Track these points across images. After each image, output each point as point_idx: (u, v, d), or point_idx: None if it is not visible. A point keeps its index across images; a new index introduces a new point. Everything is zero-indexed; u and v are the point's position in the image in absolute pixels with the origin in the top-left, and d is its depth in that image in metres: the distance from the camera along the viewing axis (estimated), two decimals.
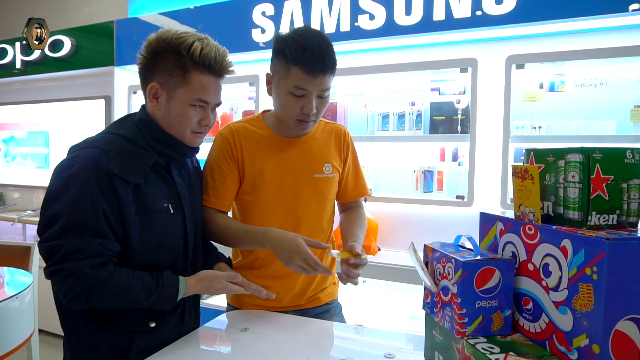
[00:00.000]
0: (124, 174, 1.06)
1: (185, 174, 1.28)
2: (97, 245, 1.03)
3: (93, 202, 1.03)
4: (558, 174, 0.91)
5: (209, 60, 1.12)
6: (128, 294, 1.07)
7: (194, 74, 1.12)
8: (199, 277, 1.20)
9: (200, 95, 1.14)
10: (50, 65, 3.64)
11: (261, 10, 2.74)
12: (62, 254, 1.01)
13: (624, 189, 0.86)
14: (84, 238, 1.02)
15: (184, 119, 1.15)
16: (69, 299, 1.04)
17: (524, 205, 0.96)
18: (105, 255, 1.05)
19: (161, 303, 1.11)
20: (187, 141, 1.19)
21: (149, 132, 1.16)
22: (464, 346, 0.94)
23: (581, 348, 0.81)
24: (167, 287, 1.12)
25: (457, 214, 2.33)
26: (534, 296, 0.93)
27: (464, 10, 2.23)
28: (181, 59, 1.10)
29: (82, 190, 1.03)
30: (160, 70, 1.12)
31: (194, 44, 1.10)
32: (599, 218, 0.85)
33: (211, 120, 1.20)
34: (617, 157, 0.85)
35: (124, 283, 1.06)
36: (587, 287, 0.80)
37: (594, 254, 0.78)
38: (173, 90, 1.13)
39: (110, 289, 1.04)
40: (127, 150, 1.11)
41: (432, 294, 1.07)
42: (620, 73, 2.16)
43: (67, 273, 1.01)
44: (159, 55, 1.12)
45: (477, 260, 0.96)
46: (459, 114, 2.35)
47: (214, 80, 1.16)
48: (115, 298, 1.06)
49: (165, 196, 1.17)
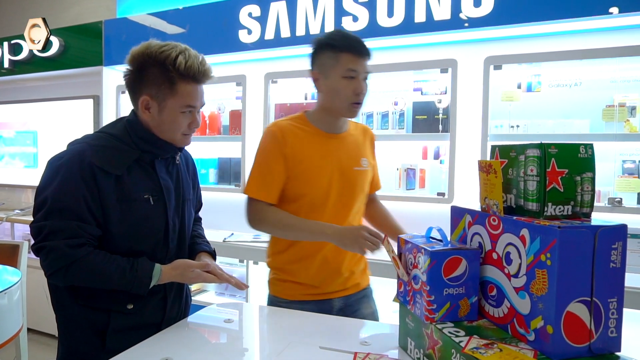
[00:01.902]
0: (104, 166, 1.18)
1: (174, 171, 1.36)
2: (76, 228, 1.15)
3: (75, 189, 1.15)
4: (519, 168, 0.98)
5: (194, 72, 1.22)
6: (103, 274, 1.17)
7: (180, 84, 1.22)
8: (173, 265, 1.27)
9: (188, 102, 1.24)
10: (38, 65, 3.65)
11: (248, 12, 2.78)
12: (45, 233, 1.14)
13: (577, 182, 0.92)
14: (65, 220, 1.14)
15: (175, 125, 1.26)
16: (49, 274, 1.16)
17: (488, 198, 1.02)
18: (83, 237, 1.16)
19: (134, 286, 1.19)
20: (177, 143, 1.30)
21: (135, 131, 1.26)
22: (433, 331, 1.00)
23: (537, 329, 0.87)
24: (140, 271, 1.20)
25: (438, 211, 2.39)
26: (498, 283, 1.00)
27: (444, 13, 2.30)
28: (168, 73, 1.20)
29: (67, 178, 1.16)
30: (149, 83, 1.22)
31: (178, 58, 1.20)
32: (554, 209, 0.91)
33: (199, 121, 1.31)
34: (571, 152, 0.92)
35: (100, 264, 1.17)
36: (542, 273, 0.86)
37: (548, 241, 0.84)
38: (163, 102, 1.23)
39: (87, 267, 1.15)
40: (112, 145, 1.23)
41: (405, 284, 1.13)
42: (593, 74, 2.24)
43: (48, 250, 1.14)
44: (146, 69, 1.22)
45: (445, 250, 1.02)
46: (440, 114, 2.41)
47: (198, 87, 1.26)
48: (92, 277, 1.17)
49: (147, 189, 1.26)
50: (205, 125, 3.04)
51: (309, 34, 2.62)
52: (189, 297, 1.48)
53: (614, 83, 2.20)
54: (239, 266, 2.80)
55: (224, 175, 3.05)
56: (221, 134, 3.02)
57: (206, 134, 3.02)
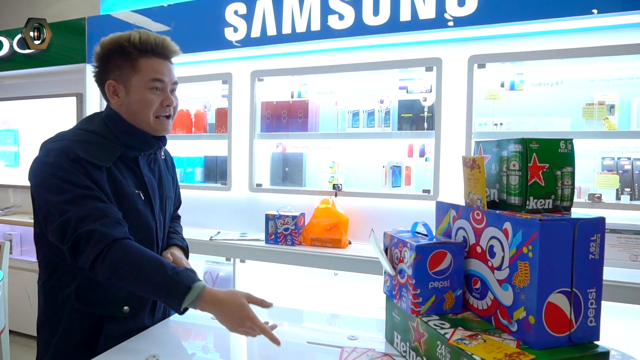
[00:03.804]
0: (91, 158, 1.11)
1: (155, 168, 1.33)
2: (100, 208, 1.07)
3: (77, 179, 1.07)
4: (502, 163, 1.00)
5: (151, 45, 1.18)
6: (142, 263, 1.04)
7: (140, 60, 1.18)
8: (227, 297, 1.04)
9: (152, 75, 1.19)
10: (19, 62, 3.59)
11: (234, 9, 2.77)
12: (73, 224, 1.04)
13: (558, 176, 0.94)
14: (84, 205, 1.05)
15: (145, 104, 1.20)
16: (91, 263, 1.03)
17: (472, 193, 1.04)
18: (113, 216, 1.08)
19: (172, 289, 1.02)
20: (153, 127, 1.23)
21: (116, 125, 1.21)
22: (419, 324, 1.02)
23: (520, 320, 0.89)
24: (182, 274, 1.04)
25: (424, 207, 2.42)
26: (482, 276, 1.02)
27: (428, 12, 2.32)
28: (125, 50, 1.17)
29: (62, 173, 1.07)
30: (112, 69, 1.20)
31: (132, 35, 1.18)
32: (536, 203, 0.94)
33: (172, 100, 1.24)
34: (552, 147, 0.94)
35: (138, 250, 1.06)
36: (524, 265, 0.88)
37: (529, 234, 0.86)
38: (128, 81, 1.19)
39: (127, 253, 1.04)
40: (94, 141, 1.17)
41: (391, 278, 1.14)
42: (574, 73, 2.29)
43: (86, 237, 1.03)
44: (108, 58, 1.20)
45: (430, 244, 1.04)
46: (425, 112, 2.44)
47: (163, 62, 1.22)
48: (129, 265, 1.03)
49: (135, 185, 1.22)
50: (191, 124, 3.02)
51: (295, 32, 2.62)
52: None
53: (593, 82, 2.25)
54: (225, 264, 2.79)
55: (210, 173, 3.04)
56: (207, 132, 3.00)
57: (192, 132, 3.01)
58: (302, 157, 2.77)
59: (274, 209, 2.65)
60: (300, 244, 2.55)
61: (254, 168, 2.80)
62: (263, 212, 2.63)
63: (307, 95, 2.78)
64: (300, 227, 2.55)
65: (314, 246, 2.52)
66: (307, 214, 2.62)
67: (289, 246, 2.52)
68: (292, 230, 2.53)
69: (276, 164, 2.83)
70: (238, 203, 2.95)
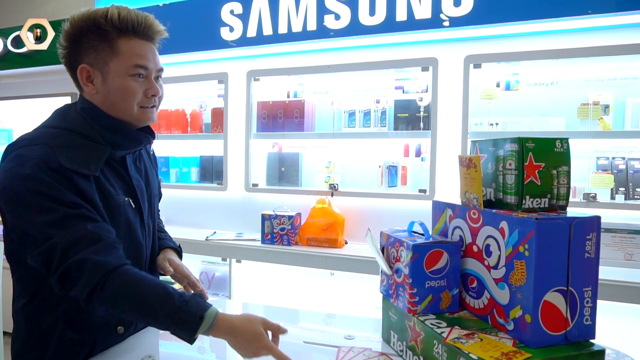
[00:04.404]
0: (78, 168, 0.95)
1: (141, 166, 1.20)
2: (92, 230, 0.91)
3: (61, 196, 0.92)
4: (498, 162, 1.00)
5: (132, 23, 1.01)
6: (148, 296, 0.90)
7: (121, 41, 1.01)
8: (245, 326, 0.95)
9: (135, 60, 1.02)
10: (13, 62, 3.56)
11: (229, 9, 2.77)
12: (60, 253, 0.89)
13: (554, 175, 0.95)
14: (73, 228, 0.90)
15: (126, 93, 1.02)
16: (86, 295, 0.89)
17: (469, 192, 1.05)
18: (106, 239, 0.93)
19: (180, 320, 0.90)
20: (136, 118, 1.06)
21: (96, 120, 1.03)
22: (415, 323, 1.02)
23: (516, 319, 0.90)
24: (192, 302, 0.92)
25: (420, 207, 2.42)
26: (478, 275, 1.02)
27: (424, 12, 2.33)
28: (101, 29, 0.99)
29: (44, 189, 0.91)
30: (85, 50, 1.01)
31: (109, 10, 1.00)
32: (532, 202, 0.94)
33: (158, 89, 1.08)
34: (548, 146, 0.95)
35: (142, 280, 0.92)
36: (520, 264, 0.88)
37: (526, 233, 0.87)
38: (106, 66, 1.01)
39: (127, 284, 0.91)
40: (77, 143, 0.99)
41: (388, 277, 1.14)
42: (569, 74, 2.30)
43: (76, 268, 0.89)
44: (80, 37, 1.01)
45: (427, 244, 1.04)
46: (421, 111, 2.44)
47: (146, 44, 1.05)
48: (133, 299, 0.91)
49: (123, 192, 1.09)
50: (187, 123, 3.01)
51: (291, 31, 2.62)
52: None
53: (588, 82, 2.26)
54: (221, 265, 2.78)
55: (205, 173, 3.03)
56: (203, 132, 2.99)
57: (188, 132, 3.00)
58: (298, 157, 2.76)
59: (270, 208, 2.65)
60: (296, 243, 2.55)
61: (250, 168, 2.79)
62: (259, 212, 2.63)
63: (303, 95, 2.78)
64: (296, 227, 2.55)
65: (310, 246, 2.51)
66: (304, 213, 2.61)
67: (285, 246, 2.52)
68: (289, 230, 2.53)
69: (272, 163, 2.82)
70: (234, 203, 2.95)
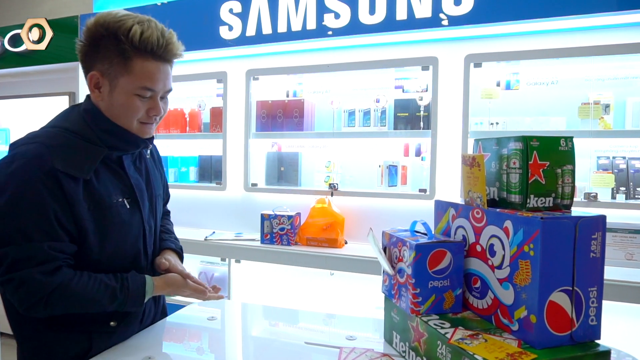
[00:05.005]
0: (69, 170, 0.98)
1: (142, 166, 1.20)
2: (47, 250, 0.96)
3: (38, 201, 0.95)
4: (502, 161, 0.99)
5: (151, 45, 1.01)
6: (90, 298, 1.01)
7: (136, 60, 1.02)
8: (166, 281, 1.16)
9: (144, 83, 1.04)
10: (10, 61, 3.54)
11: (228, 8, 2.75)
12: (10, 262, 0.94)
13: (558, 174, 0.94)
14: (31, 243, 0.95)
15: (129, 109, 1.05)
16: (25, 308, 0.97)
17: (472, 191, 1.04)
18: (57, 259, 0.98)
19: (127, 305, 1.07)
20: (134, 132, 1.10)
21: (96, 123, 1.06)
22: (418, 324, 1.01)
23: (521, 319, 0.89)
24: (132, 289, 1.07)
25: (420, 207, 2.42)
26: (482, 275, 1.01)
27: (424, 11, 2.32)
28: (120, 44, 1.00)
29: (23, 189, 0.95)
30: (101, 57, 1.03)
31: (133, 27, 1.00)
32: (536, 201, 0.93)
33: (161, 109, 1.10)
34: (553, 144, 0.94)
35: (85, 288, 1.00)
36: (525, 263, 0.87)
37: (531, 232, 0.86)
38: (115, 80, 1.03)
39: (70, 295, 0.98)
40: (73, 144, 1.02)
41: (390, 277, 1.13)
42: (569, 73, 2.29)
43: (18, 283, 0.94)
44: (99, 41, 1.02)
45: (430, 243, 1.03)
46: (421, 111, 2.43)
47: (160, 66, 1.05)
48: (77, 304, 1.00)
49: (119, 191, 1.10)
50: (186, 123, 2.99)
51: (290, 30, 2.61)
52: (163, 299, 1.36)
53: (588, 81, 2.26)
54: (220, 264, 2.77)
55: (204, 173, 3.01)
56: (202, 132, 2.98)
57: (186, 132, 2.98)
58: (297, 156, 2.75)
59: (269, 208, 2.64)
60: (296, 243, 2.54)
61: (249, 167, 2.78)
62: (258, 212, 2.62)
63: (302, 95, 2.77)
64: (296, 226, 2.54)
65: (310, 246, 2.50)
66: (303, 213, 2.60)
67: (285, 246, 2.51)
68: (288, 230, 2.51)
69: (271, 163, 2.81)
70: (233, 203, 2.93)
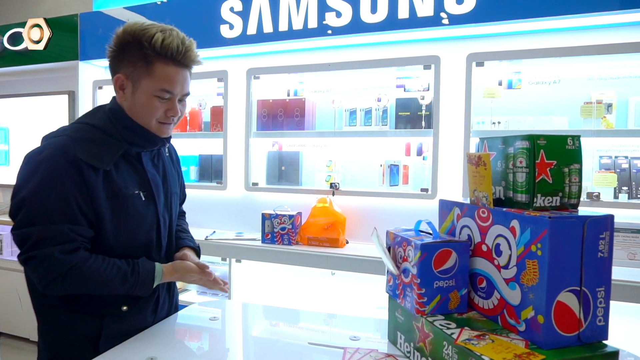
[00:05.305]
0: (91, 161, 1.08)
1: (159, 163, 1.29)
2: (67, 232, 1.05)
3: (61, 188, 1.05)
4: (508, 160, 0.98)
5: (172, 51, 1.12)
6: (103, 279, 1.09)
7: (157, 64, 1.12)
8: (174, 267, 1.23)
9: (163, 85, 1.14)
10: (9, 59, 3.52)
11: (229, 6, 2.74)
12: (33, 241, 1.03)
13: (565, 173, 0.93)
14: (53, 225, 1.04)
15: (149, 109, 1.15)
16: (44, 285, 1.06)
17: (477, 190, 1.03)
18: (76, 241, 1.07)
19: (137, 289, 1.14)
20: (153, 131, 1.19)
21: (119, 121, 1.17)
22: (424, 324, 1.00)
23: (528, 320, 0.88)
24: (142, 273, 1.14)
25: (422, 206, 2.41)
26: (487, 275, 1.00)
27: (427, 9, 2.31)
28: (143, 50, 1.11)
29: (49, 176, 1.05)
30: (126, 62, 1.14)
31: (156, 35, 1.10)
32: (543, 200, 0.92)
33: (178, 111, 1.20)
34: (559, 143, 0.93)
35: (98, 269, 1.09)
36: (532, 263, 0.86)
37: (538, 232, 0.85)
38: (138, 82, 1.14)
39: (85, 274, 1.06)
40: (96, 138, 1.13)
41: (394, 277, 1.12)
42: (572, 72, 2.28)
43: (39, 260, 1.03)
44: (125, 47, 1.13)
45: (435, 243, 1.02)
46: (423, 110, 2.42)
47: (179, 71, 1.16)
48: (91, 283, 1.08)
49: (136, 184, 1.19)
50: (186, 122, 2.98)
51: (292, 29, 2.60)
52: (176, 296, 1.43)
53: (591, 81, 2.25)
54: (221, 264, 2.76)
55: (205, 172, 3.00)
56: (202, 131, 2.96)
57: (187, 131, 2.97)
58: (298, 155, 2.74)
59: (270, 208, 2.62)
60: (297, 243, 2.52)
61: (250, 167, 2.77)
62: (259, 212, 2.61)
63: (303, 94, 2.76)
64: (297, 226, 2.53)
65: (311, 246, 2.49)
66: (304, 213, 2.59)
67: (286, 246, 2.50)
68: (289, 229, 2.50)
69: (272, 162, 2.80)
70: (234, 202, 2.92)
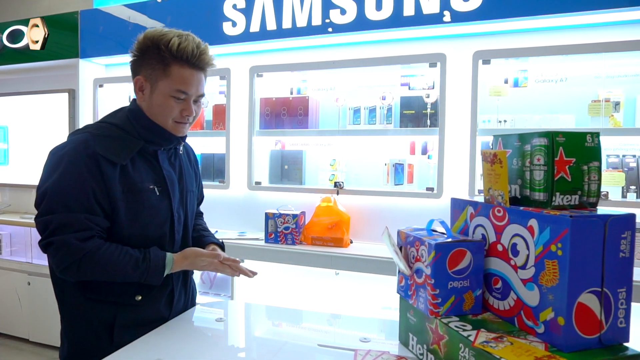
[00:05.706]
0: (109, 155, 1.16)
1: (176, 162, 1.35)
2: (84, 220, 1.12)
3: (80, 180, 1.13)
4: (524, 157, 0.96)
5: (187, 54, 1.19)
6: (116, 266, 1.15)
7: (173, 67, 1.20)
8: (183, 254, 1.28)
9: (179, 86, 1.21)
10: (9, 57, 3.49)
11: (232, 3, 2.71)
12: (52, 228, 1.11)
13: (584, 171, 0.91)
14: (71, 213, 1.12)
15: (165, 109, 1.23)
16: (61, 270, 1.13)
17: (493, 189, 1.00)
18: (92, 229, 1.14)
19: (148, 276, 1.19)
20: (169, 130, 1.26)
21: (138, 120, 1.24)
22: (438, 326, 0.97)
23: (547, 321, 0.85)
24: (153, 261, 1.19)
25: (427, 206, 2.39)
26: (503, 275, 0.98)
27: (432, 7, 2.28)
28: (161, 53, 1.19)
29: (71, 169, 1.13)
30: (145, 65, 1.22)
31: (173, 39, 1.19)
32: (562, 198, 0.90)
33: (193, 111, 1.26)
34: (579, 140, 0.91)
35: (111, 255, 1.15)
36: (552, 263, 0.84)
37: (559, 231, 0.82)
38: (155, 83, 1.21)
39: (99, 260, 1.13)
40: (116, 135, 1.21)
41: (406, 278, 1.10)
42: (578, 70, 2.26)
43: (58, 245, 1.11)
44: (145, 51, 1.21)
45: (449, 242, 0.99)
46: (428, 108, 2.40)
47: (194, 73, 1.22)
48: (104, 270, 1.15)
49: (152, 180, 1.25)
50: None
51: (295, 26, 2.57)
52: (194, 290, 1.47)
53: (598, 79, 2.23)
54: None
55: (207, 171, 2.97)
56: (204, 129, 2.94)
57: None
58: (301, 154, 2.72)
59: (273, 207, 2.60)
60: (300, 243, 2.50)
61: (253, 166, 2.74)
62: (262, 211, 2.58)
63: (307, 92, 2.73)
64: (300, 225, 2.50)
65: (315, 245, 2.47)
66: (308, 212, 2.57)
67: (290, 245, 2.47)
68: (293, 229, 2.48)
69: (275, 161, 2.77)
70: (236, 201, 2.90)
